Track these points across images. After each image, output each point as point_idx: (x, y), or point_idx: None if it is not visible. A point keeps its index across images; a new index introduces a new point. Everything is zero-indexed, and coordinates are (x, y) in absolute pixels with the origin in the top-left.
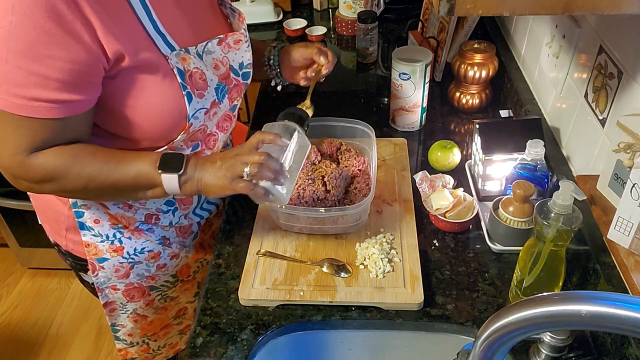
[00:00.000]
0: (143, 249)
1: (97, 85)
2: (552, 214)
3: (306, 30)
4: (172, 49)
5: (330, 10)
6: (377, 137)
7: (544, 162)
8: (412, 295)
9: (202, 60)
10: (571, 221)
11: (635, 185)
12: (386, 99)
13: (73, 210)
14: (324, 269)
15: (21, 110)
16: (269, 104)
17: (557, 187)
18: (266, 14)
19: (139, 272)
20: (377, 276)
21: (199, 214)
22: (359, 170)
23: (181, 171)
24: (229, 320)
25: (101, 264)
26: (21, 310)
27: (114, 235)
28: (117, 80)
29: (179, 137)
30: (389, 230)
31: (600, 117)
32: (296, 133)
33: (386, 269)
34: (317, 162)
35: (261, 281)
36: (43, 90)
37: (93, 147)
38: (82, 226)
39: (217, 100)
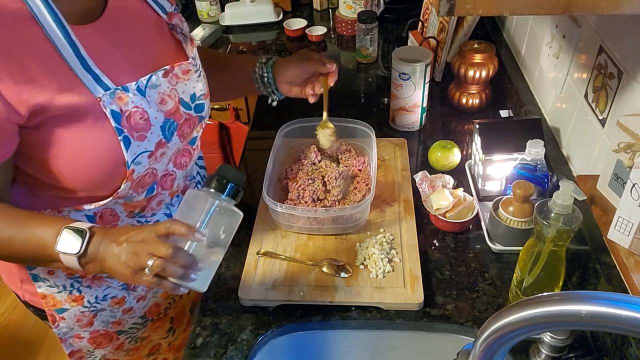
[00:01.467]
0: (105, 295)
1: (7, 141)
2: (552, 214)
3: (306, 30)
4: (106, 88)
5: (330, 10)
6: (377, 137)
7: (544, 162)
8: (412, 295)
9: (145, 96)
10: (571, 221)
11: (635, 185)
12: (386, 99)
13: None
14: (324, 269)
15: None
16: (269, 104)
17: (557, 187)
18: (266, 14)
19: (103, 319)
20: (377, 276)
21: None
22: (359, 170)
23: (80, 252)
24: (229, 321)
25: (61, 315)
26: (21, 311)
27: (72, 285)
28: (42, 131)
29: (123, 186)
30: (389, 230)
31: (600, 117)
32: (220, 206)
33: (386, 269)
34: (317, 162)
35: (261, 281)
36: None
37: None
38: (36, 278)
39: (164, 140)
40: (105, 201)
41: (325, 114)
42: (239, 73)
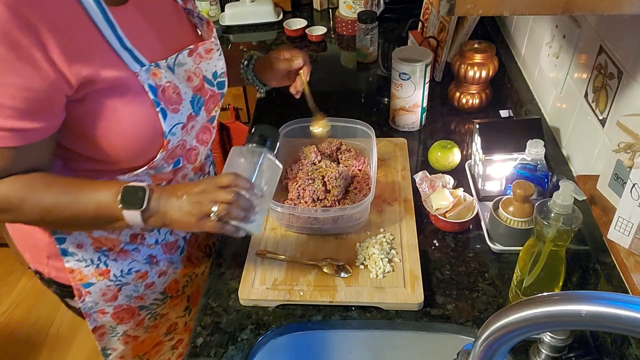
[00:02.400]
0: (130, 269)
1: (58, 113)
2: (552, 214)
3: (306, 30)
4: (142, 64)
5: (330, 10)
6: (377, 137)
7: (544, 162)
8: (412, 295)
9: (174, 73)
10: (571, 221)
11: (635, 185)
12: (386, 99)
13: (54, 237)
14: (324, 269)
15: None
16: (269, 104)
17: (557, 187)
18: (266, 14)
19: (127, 294)
20: (377, 276)
21: None
22: (359, 170)
23: (143, 207)
24: (229, 320)
25: (87, 289)
26: (22, 310)
27: (99, 259)
28: (86, 104)
29: (159, 155)
30: (389, 230)
31: (600, 117)
32: (265, 159)
33: (386, 269)
34: (317, 162)
35: (261, 281)
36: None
37: (51, 177)
38: (65, 252)
39: (193, 113)
40: (138, 171)
41: (311, 105)
42: (228, 69)
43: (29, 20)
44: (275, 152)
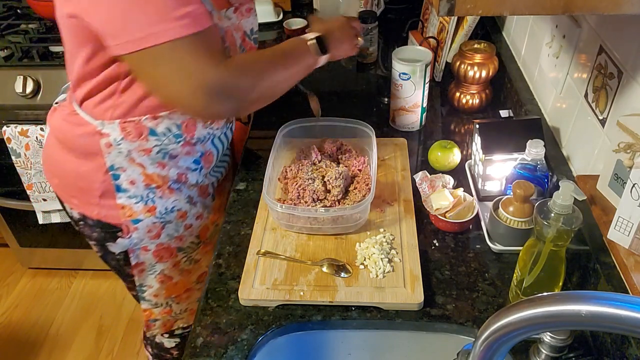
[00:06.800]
0: (173, 207)
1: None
2: (552, 214)
3: (306, 30)
4: (212, 8)
5: None
6: (377, 137)
7: (544, 162)
8: (412, 295)
9: (229, 22)
10: (571, 221)
11: (635, 185)
12: (386, 99)
13: (110, 173)
14: (324, 269)
15: (192, 27)
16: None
17: (557, 187)
18: (266, 14)
19: (168, 232)
20: (377, 276)
21: (214, 174)
22: (359, 170)
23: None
24: (229, 321)
25: (135, 225)
26: (21, 310)
27: (147, 196)
28: None
29: None
30: (389, 230)
31: (600, 117)
32: None
33: (386, 269)
34: (317, 162)
35: (261, 281)
36: (188, 5)
37: (250, 53)
38: (119, 188)
39: None
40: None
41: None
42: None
43: None
44: None
